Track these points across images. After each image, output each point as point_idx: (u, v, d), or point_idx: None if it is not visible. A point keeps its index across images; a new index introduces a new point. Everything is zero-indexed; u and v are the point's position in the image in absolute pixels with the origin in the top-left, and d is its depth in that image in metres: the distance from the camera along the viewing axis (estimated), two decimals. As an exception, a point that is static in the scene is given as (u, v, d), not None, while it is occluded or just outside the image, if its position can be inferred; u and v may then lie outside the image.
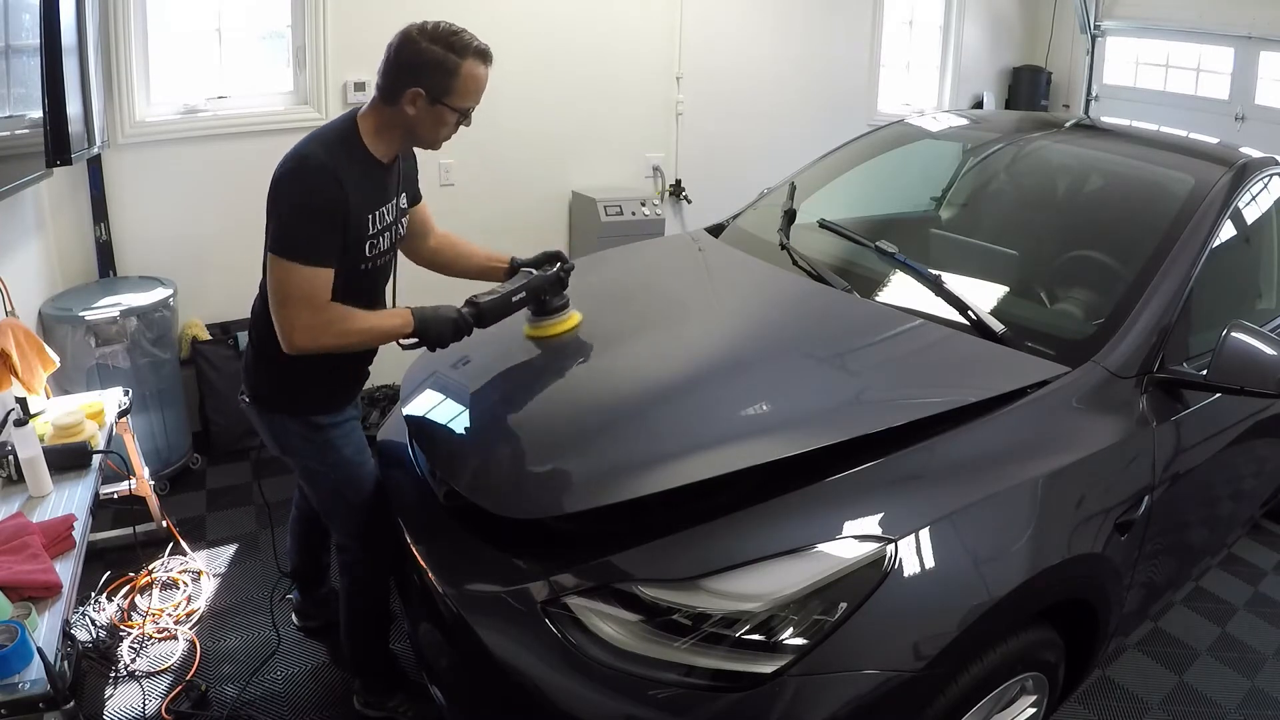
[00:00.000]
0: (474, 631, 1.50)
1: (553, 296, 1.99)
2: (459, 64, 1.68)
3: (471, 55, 1.69)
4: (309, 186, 1.62)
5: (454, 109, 1.71)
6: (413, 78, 1.67)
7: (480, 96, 1.75)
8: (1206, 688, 2.31)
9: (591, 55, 4.02)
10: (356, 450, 1.91)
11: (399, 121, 1.71)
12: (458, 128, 1.77)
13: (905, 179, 2.95)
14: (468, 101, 1.72)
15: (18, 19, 2.35)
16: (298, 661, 2.32)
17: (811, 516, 1.45)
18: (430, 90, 1.67)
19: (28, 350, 2.32)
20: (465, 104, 1.72)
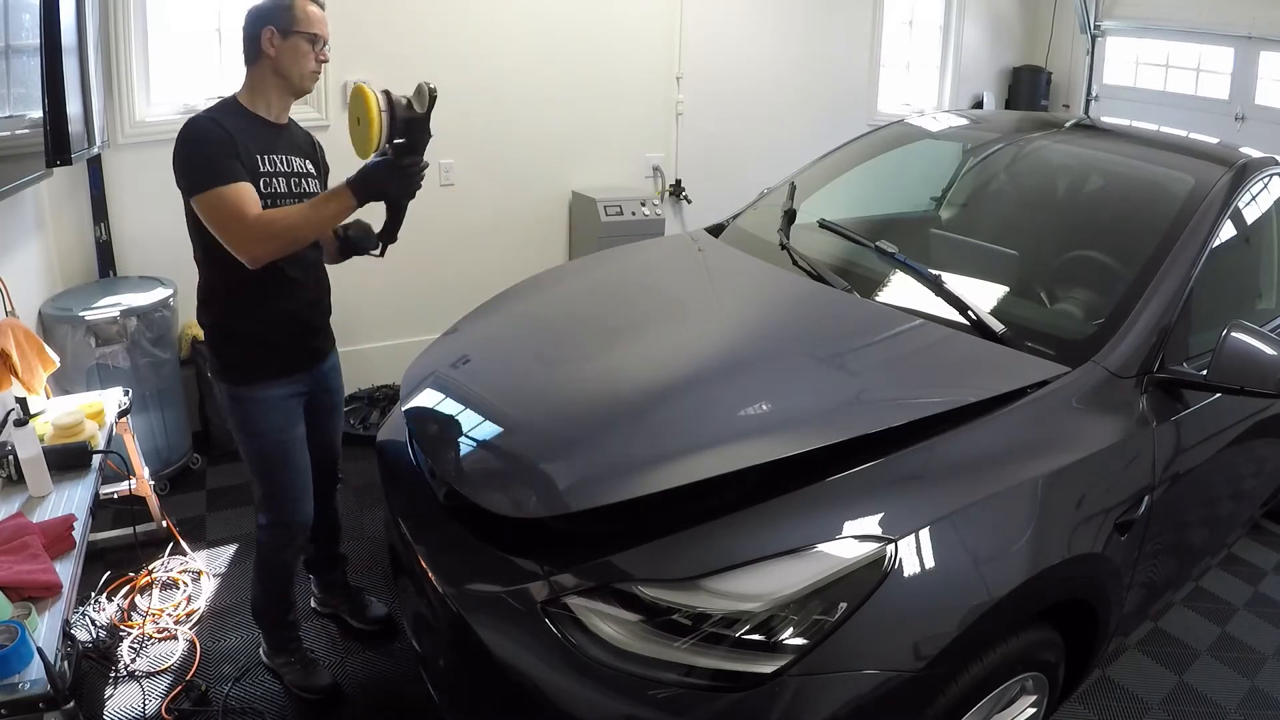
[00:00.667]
0: (474, 631, 1.50)
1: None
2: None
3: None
4: (195, 132, 1.81)
5: (305, 35, 1.90)
6: (262, 21, 1.88)
7: (323, 26, 1.95)
8: (1206, 688, 2.31)
9: (591, 55, 4.02)
10: (276, 429, 1.98)
11: (266, 70, 1.91)
12: (319, 64, 1.95)
13: (905, 179, 2.95)
14: (313, 27, 1.92)
15: (18, 19, 2.35)
16: (298, 661, 2.32)
17: (811, 516, 1.45)
18: (278, 24, 1.88)
19: (28, 350, 2.32)
20: (311, 29, 1.91)
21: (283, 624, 2.19)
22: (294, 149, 2.00)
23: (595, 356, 2.01)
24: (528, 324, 2.28)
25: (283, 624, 2.19)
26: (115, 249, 3.23)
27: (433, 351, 2.20)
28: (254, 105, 1.93)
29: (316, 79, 1.99)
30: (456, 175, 3.87)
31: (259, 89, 1.94)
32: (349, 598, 2.45)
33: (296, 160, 1.99)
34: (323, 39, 1.95)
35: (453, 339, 2.25)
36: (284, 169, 1.94)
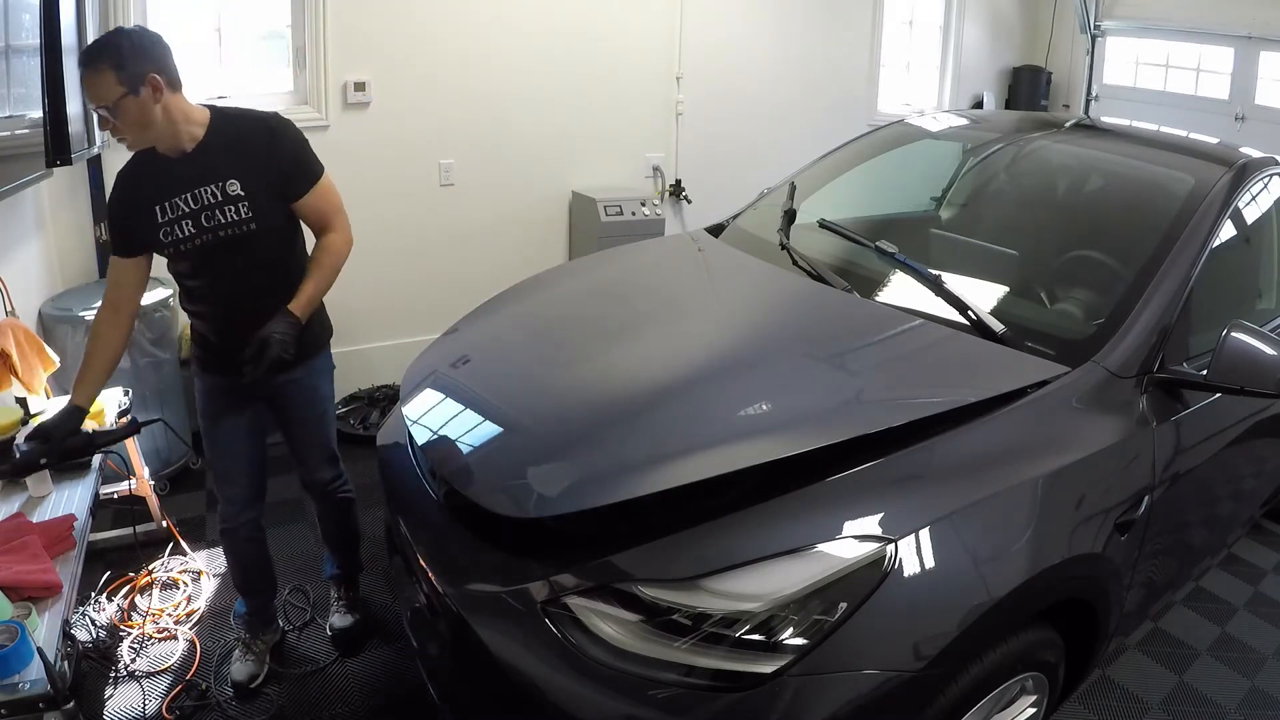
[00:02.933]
0: (474, 631, 1.50)
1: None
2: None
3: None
4: (113, 185, 1.91)
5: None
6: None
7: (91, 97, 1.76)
8: (1206, 688, 2.31)
9: (591, 55, 4.02)
10: (208, 415, 2.09)
11: None
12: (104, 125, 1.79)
13: (905, 179, 2.95)
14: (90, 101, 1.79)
15: (18, 19, 2.35)
16: (297, 661, 2.32)
17: (811, 516, 1.45)
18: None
19: (28, 350, 2.32)
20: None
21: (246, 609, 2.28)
22: (206, 175, 1.85)
23: (595, 356, 2.01)
24: (528, 324, 2.28)
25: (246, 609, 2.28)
26: (115, 249, 3.23)
27: (433, 351, 2.20)
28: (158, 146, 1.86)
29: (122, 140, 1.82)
30: (456, 175, 3.87)
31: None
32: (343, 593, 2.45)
33: (208, 190, 1.85)
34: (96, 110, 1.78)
35: (453, 339, 2.25)
36: (188, 208, 1.85)
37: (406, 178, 3.76)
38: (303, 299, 1.95)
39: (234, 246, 1.90)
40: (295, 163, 1.93)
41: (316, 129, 3.52)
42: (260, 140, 1.89)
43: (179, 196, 1.85)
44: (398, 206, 3.77)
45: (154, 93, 1.76)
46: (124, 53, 1.73)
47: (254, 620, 2.28)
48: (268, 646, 2.29)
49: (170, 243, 1.88)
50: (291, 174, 1.93)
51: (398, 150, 3.70)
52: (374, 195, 3.70)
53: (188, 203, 1.85)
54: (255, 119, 1.93)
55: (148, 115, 1.77)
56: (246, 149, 1.88)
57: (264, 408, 2.13)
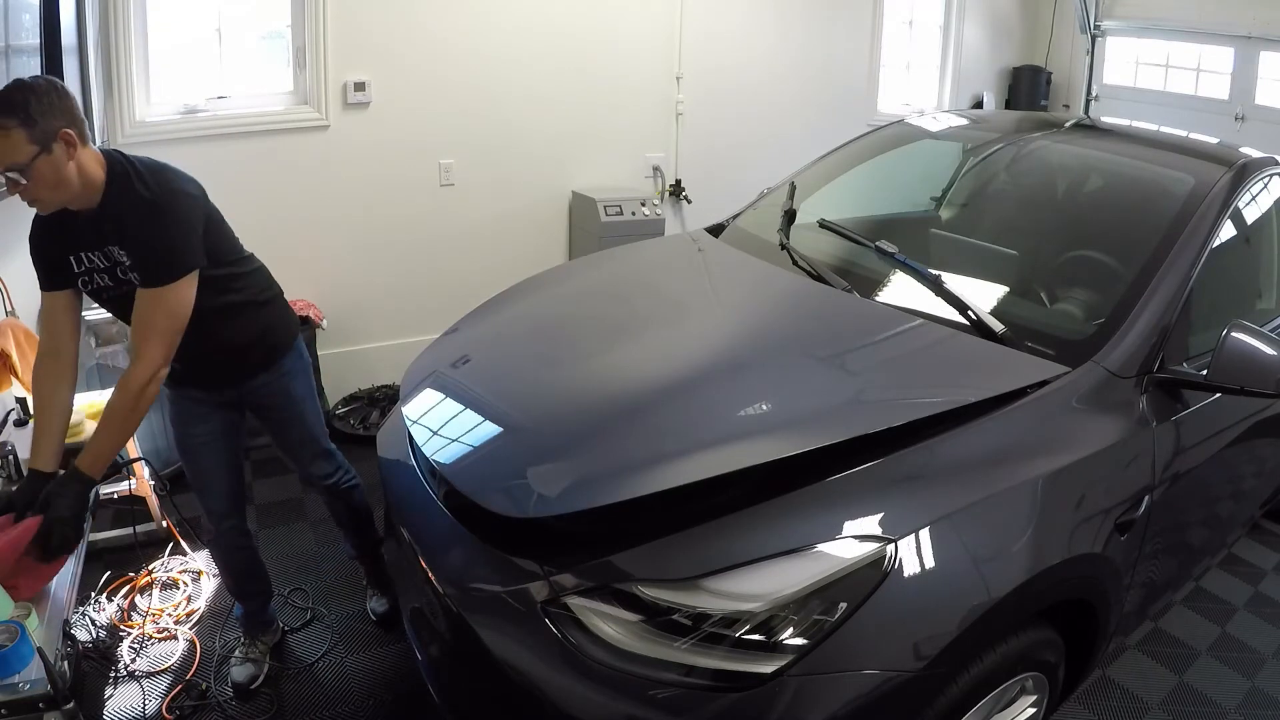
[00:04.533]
0: (474, 631, 1.50)
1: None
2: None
3: None
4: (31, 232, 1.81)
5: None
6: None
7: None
8: (1206, 688, 2.31)
9: (591, 55, 4.03)
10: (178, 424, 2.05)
11: None
12: (13, 188, 1.64)
13: (905, 179, 2.95)
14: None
15: (18, 19, 2.35)
16: (297, 661, 2.32)
17: (811, 516, 1.45)
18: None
19: (28, 350, 2.32)
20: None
21: (243, 613, 2.28)
22: (110, 239, 1.73)
23: (595, 356, 2.01)
24: (528, 324, 2.28)
25: (243, 613, 2.28)
26: (115, 249, 3.23)
27: (433, 351, 2.20)
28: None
29: (30, 201, 1.70)
30: (456, 175, 3.87)
31: None
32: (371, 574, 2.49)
33: (114, 250, 1.73)
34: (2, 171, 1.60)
35: (453, 339, 2.25)
36: (101, 263, 1.75)
37: (406, 178, 3.76)
38: (89, 455, 1.70)
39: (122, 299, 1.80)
40: (146, 247, 1.71)
41: (316, 129, 3.52)
42: (134, 218, 1.71)
43: (91, 251, 1.75)
44: (398, 206, 3.77)
45: (68, 149, 1.63)
46: (32, 109, 1.57)
47: (252, 623, 2.28)
48: (268, 647, 2.30)
49: (91, 291, 1.81)
50: (139, 257, 1.72)
51: (398, 150, 3.70)
52: (374, 195, 3.70)
53: (100, 259, 1.76)
54: (137, 194, 1.71)
55: (61, 174, 1.63)
56: (126, 222, 1.71)
57: (236, 415, 2.10)
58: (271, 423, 2.16)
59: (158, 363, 1.73)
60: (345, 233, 3.68)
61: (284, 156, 3.49)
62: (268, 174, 3.46)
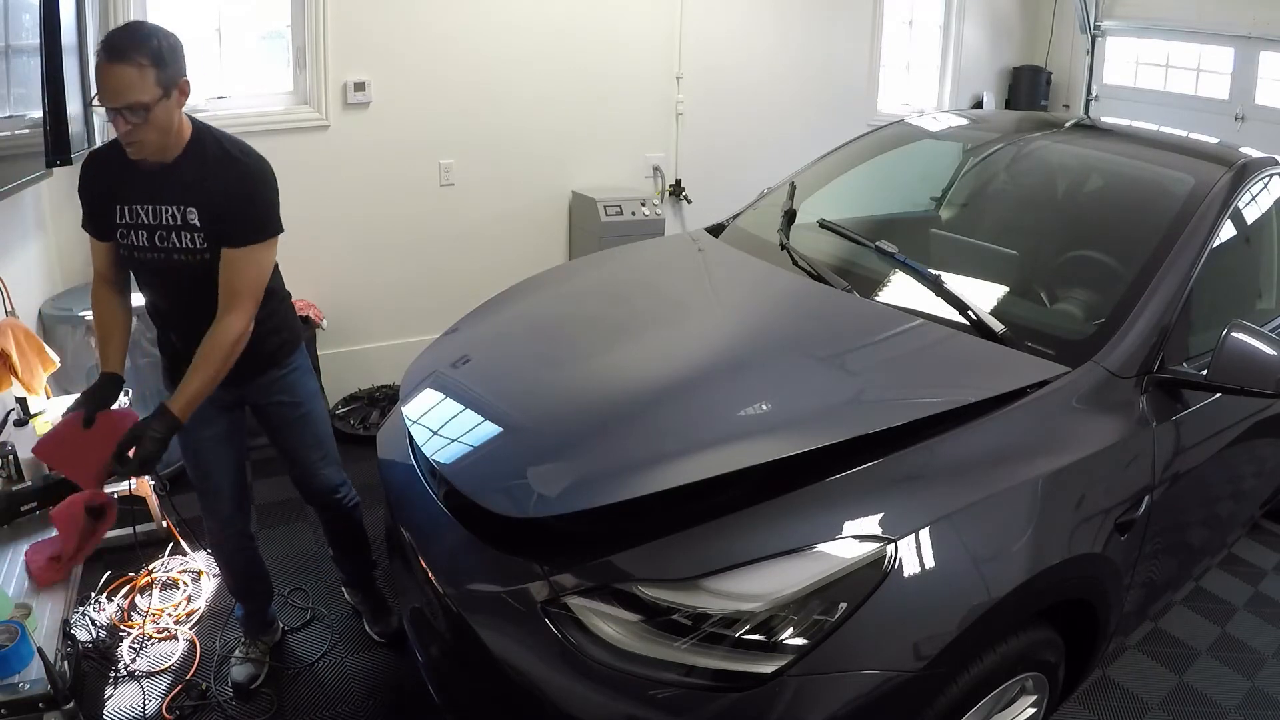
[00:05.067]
0: (474, 631, 1.50)
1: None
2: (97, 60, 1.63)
3: (100, 49, 1.62)
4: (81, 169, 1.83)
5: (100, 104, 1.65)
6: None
7: (107, 92, 1.61)
8: (1206, 688, 2.31)
9: (591, 55, 4.03)
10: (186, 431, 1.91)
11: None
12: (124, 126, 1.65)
13: (905, 179, 2.95)
14: (103, 99, 1.63)
15: (18, 19, 2.35)
16: (297, 661, 2.32)
17: (811, 516, 1.45)
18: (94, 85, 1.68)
19: (28, 350, 2.32)
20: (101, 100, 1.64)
21: (244, 613, 2.28)
22: (169, 196, 1.75)
23: (595, 356, 2.01)
24: (528, 324, 2.28)
25: (244, 613, 2.28)
26: (115, 249, 3.23)
27: (433, 351, 2.20)
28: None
29: (133, 145, 1.68)
30: (456, 175, 3.87)
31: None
32: (369, 599, 2.45)
33: (169, 210, 1.76)
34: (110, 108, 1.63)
35: (453, 339, 2.25)
36: (147, 220, 1.77)
37: (406, 178, 3.76)
38: (183, 398, 1.77)
39: (186, 272, 1.81)
40: (240, 211, 1.78)
41: (316, 129, 3.52)
42: (221, 175, 1.76)
43: (139, 205, 1.77)
44: (398, 206, 3.78)
45: (180, 97, 1.68)
46: (164, 52, 1.62)
47: (253, 623, 2.28)
48: (268, 647, 2.29)
49: (124, 246, 1.81)
50: (231, 220, 1.77)
51: (398, 150, 3.70)
52: (374, 195, 3.70)
53: (147, 215, 1.77)
54: (231, 157, 1.78)
55: (171, 121, 1.68)
56: (209, 180, 1.76)
57: (239, 416, 2.08)
58: (283, 422, 2.09)
59: (248, 319, 1.81)
60: (345, 233, 3.68)
61: (284, 156, 3.44)
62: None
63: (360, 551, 2.39)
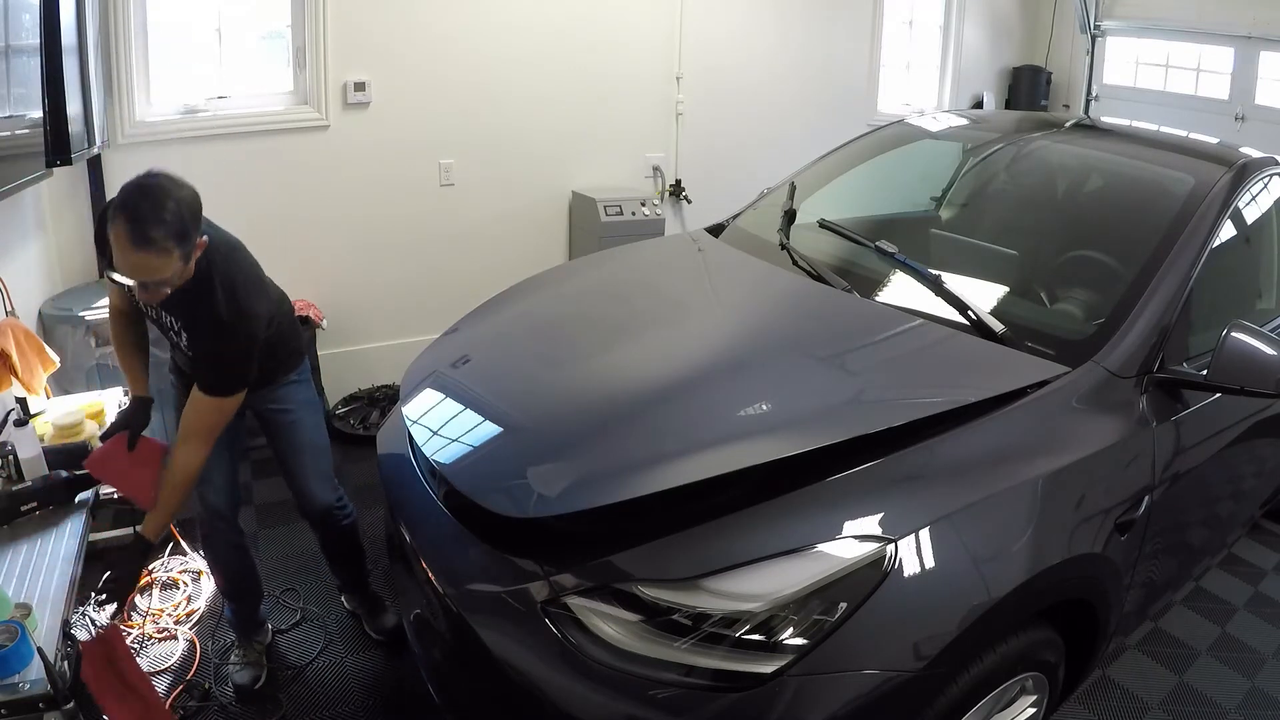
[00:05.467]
0: (474, 631, 1.50)
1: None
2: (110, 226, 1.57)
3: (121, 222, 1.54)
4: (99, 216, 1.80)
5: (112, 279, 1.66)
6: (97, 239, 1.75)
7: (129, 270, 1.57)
8: (1206, 688, 2.31)
9: (591, 55, 4.02)
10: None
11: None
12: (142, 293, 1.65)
13: (905, 179, 2.95)
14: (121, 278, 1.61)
15: (18, 19, 2.35)
16: (291, 662, 2.32)
17: (811, 516, 1.45)
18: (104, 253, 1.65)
19: (28, 350, 2.32)
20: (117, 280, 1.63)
21: (234, 614, 2.27)
22: (171, 309, 1.84)
23: (595, 356, 2.01)
24: (528, 324, 2.28)
25: (234, 614, 2.27)
26: (115, 249, 3.23)
27: (433, 351, 2.20)
28: None
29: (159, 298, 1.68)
30: (456, 175, 3.87)
31: None
32: (366, 602, 2.45)
33: (170, 318, 1.87)
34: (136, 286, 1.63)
35: (453, 339, 2.25)
36: (152, 315, 1.91)
37: (406, 178, 3.76)
38: (153, 527, 1.84)
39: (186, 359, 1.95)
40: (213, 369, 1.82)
41: (316, 129, 3.52)
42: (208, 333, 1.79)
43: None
44: (398, 206, 3.77)
45: (196, 253, 1.67)
46: (186, 224, 1.59)
47: (245, 624, 2.28)
48: (263, 648, 2.29)
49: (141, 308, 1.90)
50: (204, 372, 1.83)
51: (398, 150, 3.70)
52: (374, 195, 3.70)
53: (152, 311, 1.88)
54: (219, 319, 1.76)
55: (187, 273, 1.68)
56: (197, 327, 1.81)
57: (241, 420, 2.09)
58: (275, 428, 2.15)
59: (201, 458, 1.86)
60: (345, 233, 3.68)
61: (284, 156, 3.49)
62: (268, 174, 3.46)
63: (355, 561, 2.40)
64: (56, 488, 1.92)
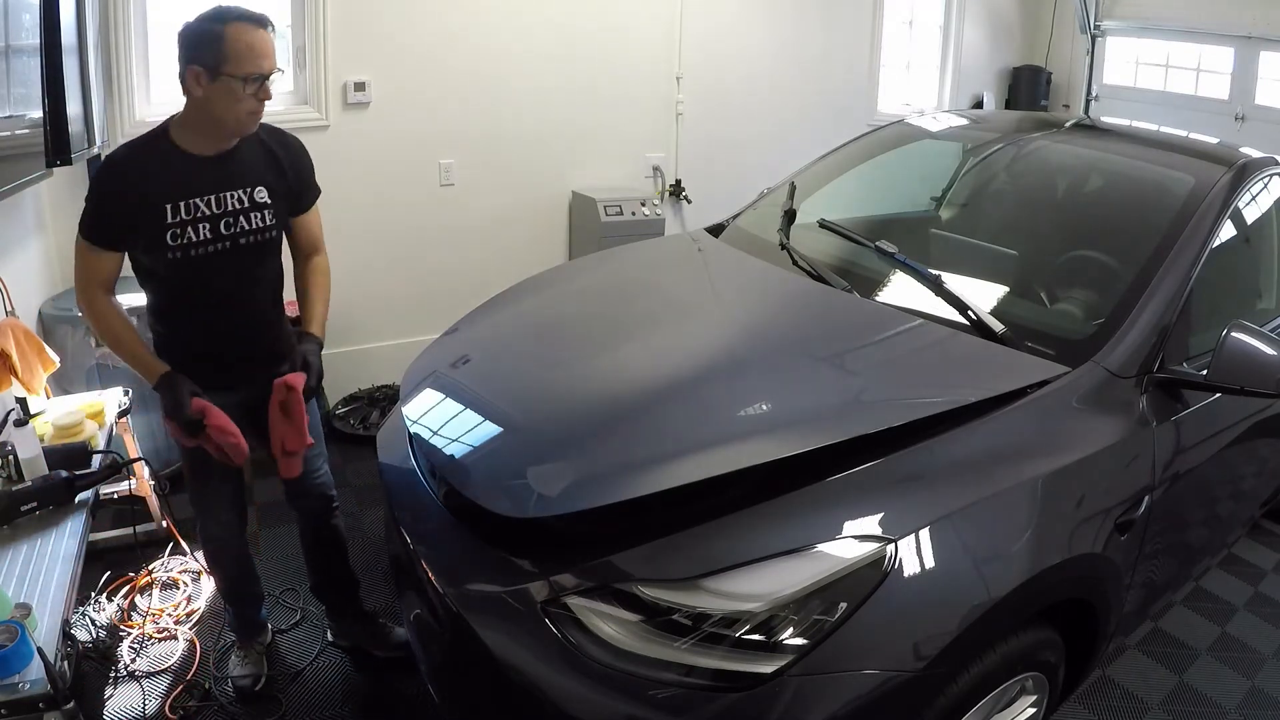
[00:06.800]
0: (474, 631, 1.50)
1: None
2: (223, 30, 1.67)
3: (235, 20, 1.68)
4: (100, 174, 1.77)
5: (236, 77, 1.68)
6: (188, 58, 1.69)
7: (263, 61, 1.70)
8: (1206, 688, 2.31)
9: (591, 55, 4.03)
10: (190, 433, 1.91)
11: (196, 108, 1.73)
12: (260, 103, 1.74)
13: (905, 179, 2.95)
14: (246, 67, 1.68)
15: (18, 19, 2.35)
16: (290, 663, 2.32)
17: (811, 516, 1.45)
18: (205, 63, 1.67)
19: (28, 350, 2.32)
20: (245, 70, 1.68)
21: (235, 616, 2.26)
22: (235, 180, 1.82)
23: (595, 356, 2.01)
24: (528, 324, 2.28)
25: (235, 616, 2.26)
26: (115, 249, 3.23)
27: (433, 351, 2.20)
28: (182, 140, 1.76)
29: (258, 119, 1.78)
30: (456, 175, 3.87)
31: (190, 124, 1.76)
32: (365, 625, 2.34)
33: (235, 195, 1.81)
34: (264, 75, 1.71)
35: (453, 339, 2.25)
36: (209, 211, 1.78)
37: (406, 178, 3.76)
38: (318, 321, 2.01)
39: (250, 253, 1.87)
40: (308, 177, 1.98)
41: (316, 129, 3.52)
42: (283, 150, 1.91)
43: (199, 198, 1.77)
44: (398, 206, 3.77)
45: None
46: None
47: (244, 627, 2.26)
48: (264, 648, 2.29)
49: (178, 245, 1.77)
50: (304, 188, 1.97)
51: (398, 150, 3.71)
52: (374, 195, 3.70)
53: (210, 205, 1.78)
54: (276, 129, 1.93)
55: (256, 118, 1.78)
56: (272, 157, 1.88)
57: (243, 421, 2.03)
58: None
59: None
60: (345, 233, 3.66)
61: (284, 156, 3.49)
62: (268, 174, 3.46)
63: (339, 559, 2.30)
64: (56, 488, 1.92)
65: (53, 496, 1.91)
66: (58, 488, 1.92)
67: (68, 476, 1.94)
